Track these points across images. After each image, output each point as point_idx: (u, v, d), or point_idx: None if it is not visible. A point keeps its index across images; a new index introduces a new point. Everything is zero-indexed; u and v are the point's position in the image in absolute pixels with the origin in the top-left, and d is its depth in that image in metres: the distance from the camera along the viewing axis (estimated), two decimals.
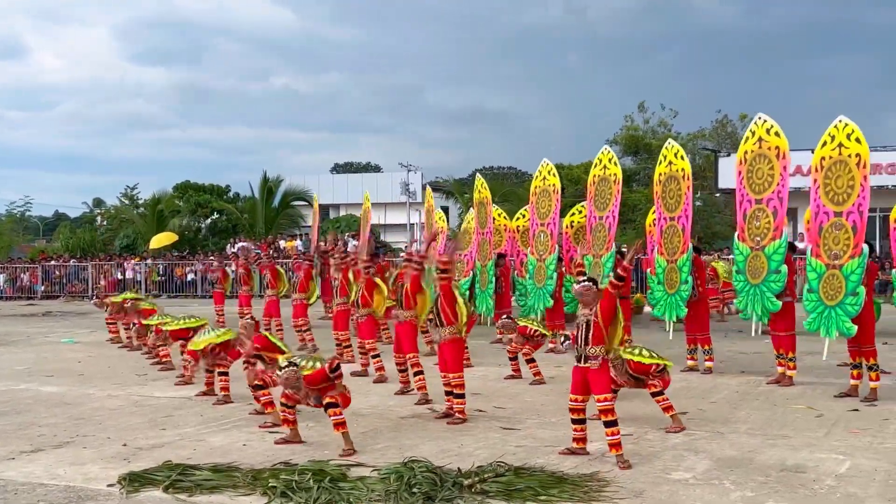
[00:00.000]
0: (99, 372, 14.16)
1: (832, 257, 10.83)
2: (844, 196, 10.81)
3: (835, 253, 10.80)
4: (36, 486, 7.43)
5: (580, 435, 8.15)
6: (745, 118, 46.91)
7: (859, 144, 10.77)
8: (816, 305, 11.09)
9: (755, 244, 12.03)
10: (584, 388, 8.00)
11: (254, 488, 7.14)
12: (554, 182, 16.70)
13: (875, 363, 10.81)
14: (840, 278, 10.64)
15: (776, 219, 11.84)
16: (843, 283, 10.56)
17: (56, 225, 66.97)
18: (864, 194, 10.64)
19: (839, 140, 10.96)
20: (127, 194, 46.34)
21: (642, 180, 46.96)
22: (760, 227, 12.00)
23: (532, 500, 6.79)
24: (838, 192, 10.88)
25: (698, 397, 11.08)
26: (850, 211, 10.73)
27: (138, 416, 10.45)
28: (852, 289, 10.48)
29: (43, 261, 37.64)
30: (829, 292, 10.79)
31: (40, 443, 9.04)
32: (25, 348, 17.93)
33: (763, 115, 12.34)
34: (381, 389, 11.84)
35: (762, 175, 12.04)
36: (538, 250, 16.72)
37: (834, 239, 10.81)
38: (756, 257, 11.99)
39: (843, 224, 10.71)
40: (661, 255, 13.43)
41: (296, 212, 44.89)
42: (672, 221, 13.29)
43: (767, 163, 12.01)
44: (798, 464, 7.81)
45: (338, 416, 8.36)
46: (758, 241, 12.00)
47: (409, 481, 7.04)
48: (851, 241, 10.59)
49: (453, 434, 9.18)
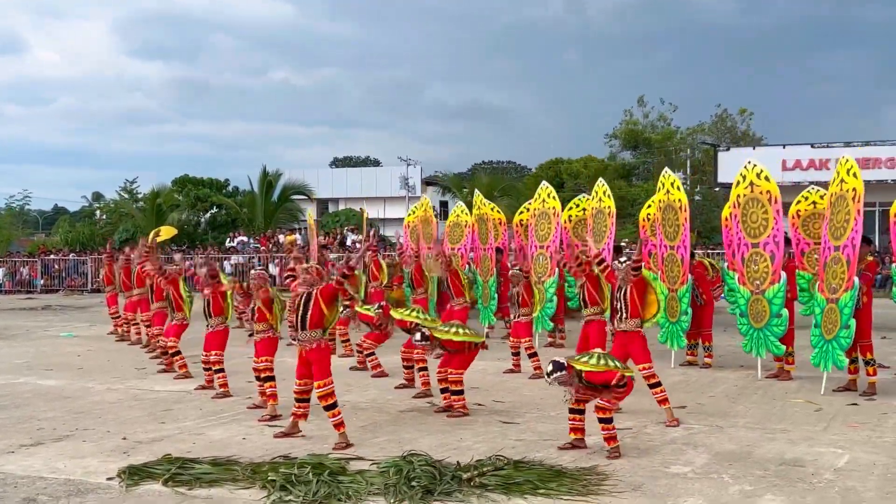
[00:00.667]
0: (98, 366, 14.17)
1: (831, 290, 10.89)
2: (841, 231, 10.82)
3: (833, 287, 10.84)
4: (35, 479, 7.44)
5: (578, 425, 8.18)
6: (744, 112, 46.99)
7: (856, 179, 10.79)
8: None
9: (755, 288, 12.07)
10: None
11: (253, 482, 7.15)
12: (554, 205, 16.33)
13: (872, 358, 10.84)
14: (836, 310, 10.70)
15: (774, 263, 11.87)
16: (839, 314, 10.62)
17: (55, 219, 66.85)
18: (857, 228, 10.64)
19: (842, 176, 10.99)
20: (126, 188, 46.23)
21: (641, 174, 47.03)
22: (759, 271, 12.02)
23: (531, 494, 6.80)
24: (837, 226, 10.90)
25: (697, 391, 11.10)
26: (845, 245, 10.74)
27: (138, 409, 10.46)
28: (845, 322, 10.56)
29: (42, 255, 37.62)
30: (828, 326, 10.87)
31: (40, 436, 9.05)
32: (25, 342, 17.93)
33: (752, 160, 12.40)
34: (380, 383, 11.86)
35: (756, 219, 12.04)
36: (537, 272, 16.35)
37: (832, 273, 10.86)
38: (757, 301, 12.03)
39: (840, 258, 10.74)
40: (662, 281, 13.39)
41: (295, 206, 44.80)
42: (671, 251, 13.26)
43: (760, 207, 12.00)
44: (796, 458, 7.82)
45: (336, 416, 8.41)
46: (757, 284, 12.04)
47: (409, 475, 7.05)
48: (846, 274, 10.61)
49: (452, 428, 9.19)
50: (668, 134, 46.16)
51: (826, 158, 33.35)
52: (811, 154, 34.06)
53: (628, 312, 9.29)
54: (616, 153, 48.83)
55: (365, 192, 55.92)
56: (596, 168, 46.63)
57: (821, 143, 34.52)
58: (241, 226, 41.86)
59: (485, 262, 17.74)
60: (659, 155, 45.53)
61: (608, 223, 14.53)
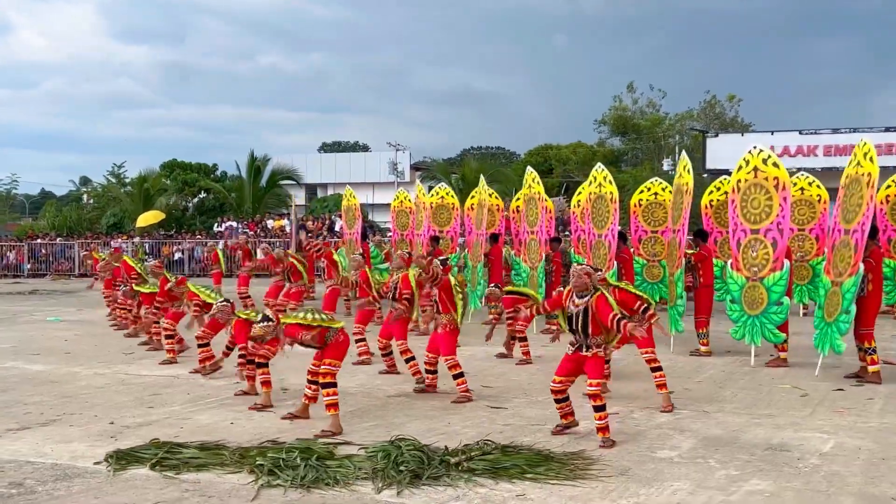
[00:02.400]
0: (85, 350, 14.14)
1: (836, 274, 10.92)
2: (852, 214, 10.81)
3: (839, 270, 10.86)
4: (23, 463, 7.42)
5: (567, 410, 8.22)
6: (732, 99, 47.10)
7: (872, 164, 10.77)
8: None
9: (752, 275, 11.99)
10: (570, 372, 8.08)
11: (241, 466, 7.15)
12: (538, 190, 16.46)
13: (871, 346, 10.78)
14: (839, 294, 10.75)
15: (776, 250, 11.76)
16: (841, 298, 10.66)
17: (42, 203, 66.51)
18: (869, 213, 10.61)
19: (858, 159, 10.97)
20: (114, 172, 46.07)
21: (630, 161, 47.08)
22: (757, 257, 11.92)
23: (518, 478, 6.82)
24: (849, 209, 10.90)
25: (684, 377, 11.14)
26: (854, 229, 10.75)
27: (125, 394, 10.44)
28: (846, 306, 10.60)
29: (29, 239, 37.46)
30: (829, 309, 10.94)
31: (27, 421, 9.03)
32: (11, 327, 17.87)
33: (759, 146, 12.25)
34: (367, 369, 11.86)
35: (759, 205, 11.90)
36: (530, 258, 16.54)
37: (840, 257, 10.88)
38: (753, 288, 11.96)
39: (849, 242, 10.76)
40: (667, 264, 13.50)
41: (283, 191, 44.73)
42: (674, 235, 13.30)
43: (765, 193, 11.84)
44: (782, 443, 7.86)
45: (331, 396, 8.38)
46: (754, 271, 11.95)
47: (397, 459, 7.06)
48: (852, 258, 10.63)
49: (440, 413, 9.21)
50: (657, 120, 46.23)
51: (814, 145, 33.48)
52: (799, 140, 34.16)
53: None
54: (605, 139, 48.90)
55: (354, 177, 55.80)
56: (585, 154, 46.75)
57: (809, 129, 34.61)
58: (229, 211, 41.77)
59: (476, 247, 17.77)
60: (648, 141, 45.62)
61: (611, 209, 14.44)
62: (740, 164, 12.26)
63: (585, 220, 15.30)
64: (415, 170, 54.21)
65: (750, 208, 12.04)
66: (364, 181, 55.33)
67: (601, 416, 7.81)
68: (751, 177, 12.06)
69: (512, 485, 6.70)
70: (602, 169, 14.90)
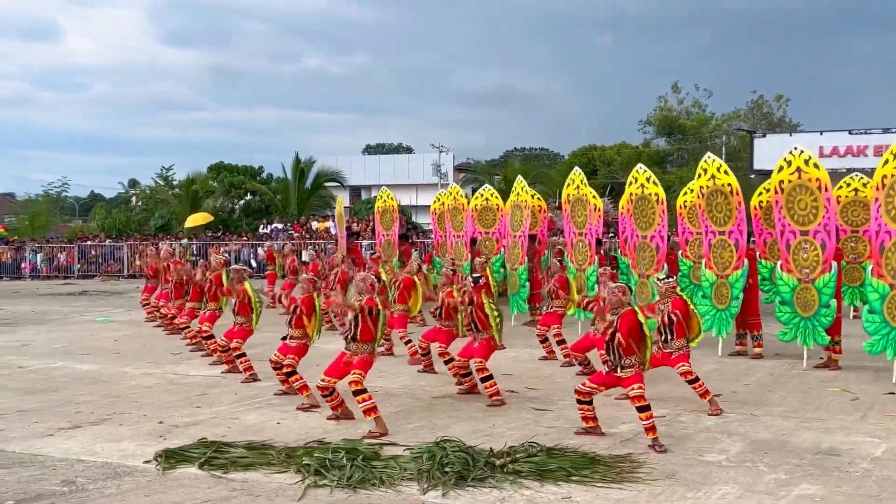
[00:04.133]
0: (134, 350, 14.32)
1: (893, 276, 10.74)
2: None
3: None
4: (74, 462, 7.55)
5: (590, 414, 8.23)
6: (780, 98, 46.56)
7: None
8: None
9: (803, 276, 11.82)
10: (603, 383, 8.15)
11: (288, 466, 7.21)
12: (586, 191, 16.46)
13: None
14: None
15: (825, 252, 11.59)
16: None
17: (91, 205, 67.56)
18: None
19: None
20: (163, 175, 46.61)
21: (676, 161, 46.68)
22: (809, 259, 11.75)
23: (564, 481, 6.80)
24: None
25: (732, 379, 11.02)
26: None
27: (173, 394, 10.57)
28: None
29: (79, 241, 38.04)
30: (893, 312, 10.77)
31: (77, 420, 9.17)
32: (62, 327, 18.15)
33: (799, 146, 12.07)
34: (411, 370, 11.89)
35: (805, 207, 11.75)
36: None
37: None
38: (806, 290, 11.80)
39: None
40: (708, 267, 13.20)
41: (328, 193, 44.94)
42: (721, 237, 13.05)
43: (809, 194, 11.69)
44: (832, 447, 7.75)
45: (366, 401, 8.40)
46: (806, 273, 11.78)
47: (442, 460, 7.08)
48: None
49: (485, 415, 9.20)
50: (703, 120, 45.84)
51: (864, 145, 32.88)
52: (849, 140, 33.55)
53: (673, 335, 9.07)
54: (650, 140, 48.54)
55: (397, 178, 55.91)
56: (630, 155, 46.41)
57: (858, 129, 34.03)
58: (274, 212, 42.06)
59: (514, 250, 17.67)
60: (694, 141, 45.21)
61: (657, 210, 14.15)
62: (781, 165, 12.13)
63: (628, 222, 15.15)
64: (458, 171, 54.18)
65: (797, 209, 11.89)
66: (408, 183, 55.43)
67: (646, 417, 7.74)
68: (794, 178, 11.91)
69: (557, 487, 6.68)
70: (644, 170, 14.66)
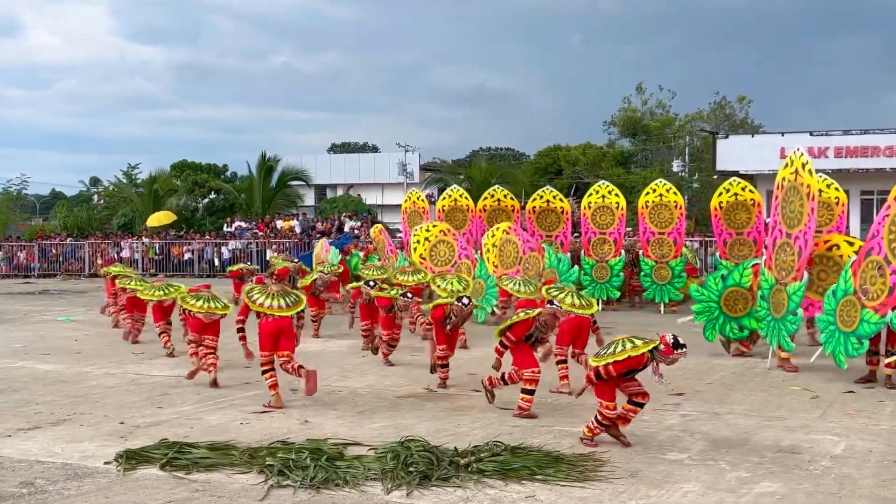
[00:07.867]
0: (96, 350, 14.17)
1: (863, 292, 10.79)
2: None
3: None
4: (33, 463, 7.44)
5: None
6: (743, 100, 47.03)
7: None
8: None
9: (780, 277, 11.85)
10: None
11: (251, 466, 7.16)
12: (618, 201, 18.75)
13: None
14: None
15: (799, 259, 11.56)
16: None
17: (53, 203, 66.70)
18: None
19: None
20: (128, 173, 46.14)
21: (640, 162, 46.99)
22: (786, 262, 11.76)
23: (528, 479, 6.81)
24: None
25: (695, 378, 11.11)
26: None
27: (135, 394, 10.46)
28: None
29: (40, 239, 37.57)
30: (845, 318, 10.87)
31: (37, 420, 9.05)
32: (22, 326, 17.92)
33: (801, 149, 12.02)
34: (377, 370, 11.86)
35: (794, 210, 11.76)
36: (599, 254, 18.94)
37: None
38: (779, 291, 11.83)
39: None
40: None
41: (293, 192, 44.77)
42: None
43: (799, 199, 11.67)
44: (793, 445, 7.84)
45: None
46: (783, 275, 11.80)
47: (406, 460, 7.06)
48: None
49: (450, 414, 9.21)
50: (667, 121, 46.16)
51: (825, 146, 33.30)
52: (810, 142, 33.90)
53: None
54: (615, 140, 48.81)
55: (363, 178, 55.84)
56: (594, 155, 46.68)
57: (819, 130, 34.45)
58: (238, 211, 41.81)
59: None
60: (657, 142, 45.55)
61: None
62: (786, 163, 12.11)
63: None
64: (424, 171, 54.17)
65: (788, 211, 11.93)
66: (373, 182, 55.35)
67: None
68: (793, 178, 11.89)
69: (521, 486, 6.69)
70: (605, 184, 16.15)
